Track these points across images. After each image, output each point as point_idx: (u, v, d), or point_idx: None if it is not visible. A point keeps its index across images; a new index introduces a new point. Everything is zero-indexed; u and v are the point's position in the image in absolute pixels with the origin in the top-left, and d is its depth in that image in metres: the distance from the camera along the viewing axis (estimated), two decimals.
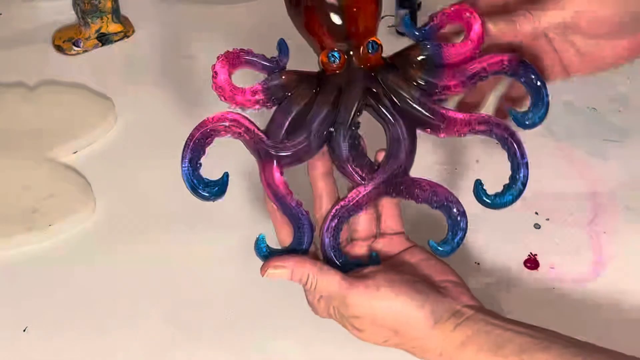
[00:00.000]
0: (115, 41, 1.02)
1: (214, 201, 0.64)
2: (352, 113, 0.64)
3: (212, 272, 0.75)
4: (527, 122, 0.65)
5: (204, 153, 0.63)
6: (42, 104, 0.92)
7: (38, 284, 0.75)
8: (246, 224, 0.79)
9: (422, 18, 1.02)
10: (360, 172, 0.64)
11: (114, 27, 1.01)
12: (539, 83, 0.65)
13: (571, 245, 0.76)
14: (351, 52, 0.64)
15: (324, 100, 0.64)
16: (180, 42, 1.02)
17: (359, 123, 0.64)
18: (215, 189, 0.63)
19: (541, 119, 0.65)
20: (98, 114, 0.90)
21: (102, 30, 1.01)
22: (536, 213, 0.79)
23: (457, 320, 0.61)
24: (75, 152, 0.87)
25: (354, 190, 0.65)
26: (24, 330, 0.71)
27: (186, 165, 0.63)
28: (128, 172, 0.85)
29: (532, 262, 0.75)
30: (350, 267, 0.64)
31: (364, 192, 0.64)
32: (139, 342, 0.70)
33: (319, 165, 0.66)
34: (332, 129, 0.64)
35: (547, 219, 0.79)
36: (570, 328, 0.60)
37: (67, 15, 1.04)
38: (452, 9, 0.65)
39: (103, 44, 1.01)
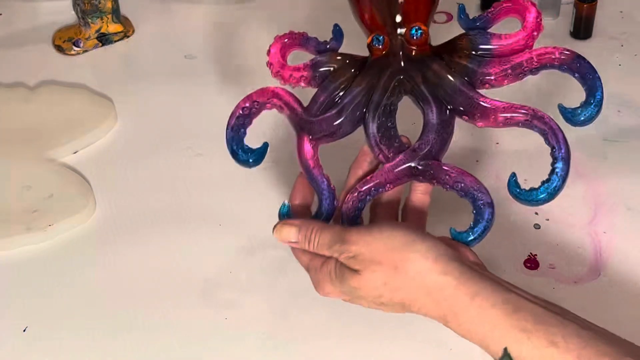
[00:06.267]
0: (115, 41, 1.02)
1: (251, 167, 0.68)
2: (384, 95, 0.66)
3: (212, 272, 0.75)
4: (574, 119, 0.64)
5: (249, 123, 0.66)
6: (42, 104, 0.92)
7: (38, 284, 0.75)
8: (247, 223, 0.79)
9: None
10: (386, 152, 0.66)
11: (114, 27, 1.01)
12: (594, 79, 0.63)
13: (571, 245, 0.76)
14: (400, 38, 0.66)
15: (361, 81, 0.66)
16: (180, 42, 1.02)
17: (394, 107, 0.66)
18: (254, 155, 0.68)
19: (592, 116, 0.63)
20: (98, 114, 0.90)
21: (102, 30, 1.01)
22: (536, 213, 0.79)
23: (461, 266, 0.58)
24: (75, 152, 0.87)
25: (378, 171, 0.66)
26: (24, 331, 0.71)
27: (229, 130, 0.66)
28: (128, 172, 0.85)
29: (532, 262, 0.75)
30: None
31: (385, 171, 0.66)
32: (139, 341, 0.70)
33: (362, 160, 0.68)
34: (365, 110, 0.66)
35: (547, 219, 0.79)
36: None
37: (67, 15, 1.04)
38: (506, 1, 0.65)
39: (103, 44, 1.01)
